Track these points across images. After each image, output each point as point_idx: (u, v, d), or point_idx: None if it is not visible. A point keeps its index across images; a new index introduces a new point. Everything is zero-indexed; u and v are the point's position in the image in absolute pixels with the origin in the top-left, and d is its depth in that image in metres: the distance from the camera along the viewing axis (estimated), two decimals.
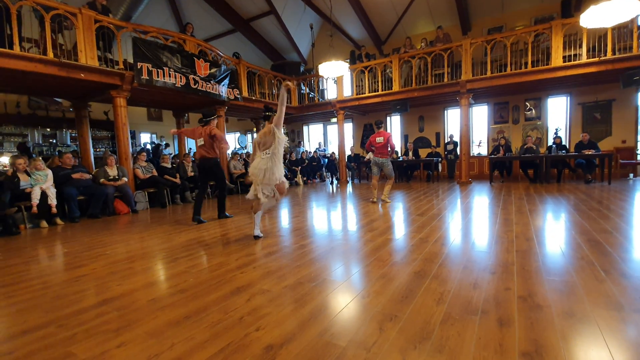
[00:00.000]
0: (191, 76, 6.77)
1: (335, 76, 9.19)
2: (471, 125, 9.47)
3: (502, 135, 9.65)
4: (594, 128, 8.77)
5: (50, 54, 5.02)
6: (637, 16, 6.01)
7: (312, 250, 3.03)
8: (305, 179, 10.71)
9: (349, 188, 8.85)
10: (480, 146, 10.50)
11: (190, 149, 12.04)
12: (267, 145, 3.26)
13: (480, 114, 10.37)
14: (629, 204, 4.75)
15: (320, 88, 11.59)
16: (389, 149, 5.59)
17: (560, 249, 2.78)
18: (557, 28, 7.19)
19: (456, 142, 9.53)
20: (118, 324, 1.77)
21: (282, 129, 3.30)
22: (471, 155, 9.39)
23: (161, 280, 2.48)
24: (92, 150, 7.16)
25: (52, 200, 4.93)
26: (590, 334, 1.50)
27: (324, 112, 11.06)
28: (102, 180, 5.71)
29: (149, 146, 11.29)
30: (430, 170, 9.63)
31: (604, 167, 7.63)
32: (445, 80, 8.53)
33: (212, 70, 7.30)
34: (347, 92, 10.42)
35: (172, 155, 9.13)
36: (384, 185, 6.05)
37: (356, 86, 9.99)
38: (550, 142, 8.68)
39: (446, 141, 10.10)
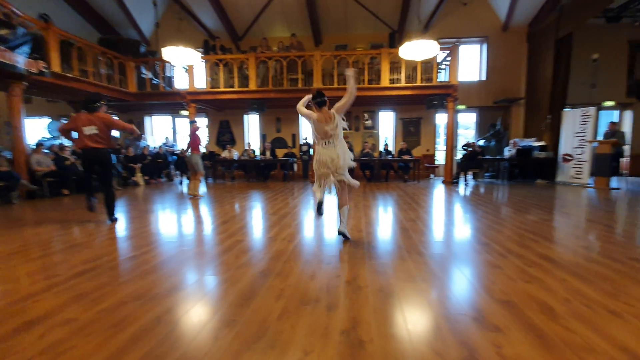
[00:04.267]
0: None
1: (185, 64, 8.44)
2: None
3: (346, 140, 11.03)
4: (410, 138, 11.16)
5: None
6: (435, 55, 8.00)
7: (145, 261, 2.62)
8: (147, 178, 9.34)
9: (202, 188, 8.28)
10: None
11: None
12: (330, 135, 3.13)
13: None
14: (430, 198, 6.21)
15: (167, 75, 10.30)
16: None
17: (381, 237, 3.35)
18: (385, 55, 8.74)
19: (310, 144, 10.33)
20: None
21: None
22: None
23: None
24: None
25: None
26: (392, 304, 1.82)
27: (172, 102, 9.97)
28: None
29: None
30: (286, 170, 10.09)
31: (415, 169, 9.78)
32: (300, 85, 9.10)
33: (3, 32, 5.45)
34: (201, 84, 9.70)
35: None
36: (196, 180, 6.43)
37: (210, 79, 9.45)
38: (381, 148, 10.50)
39: (301, 142, 10.80)
